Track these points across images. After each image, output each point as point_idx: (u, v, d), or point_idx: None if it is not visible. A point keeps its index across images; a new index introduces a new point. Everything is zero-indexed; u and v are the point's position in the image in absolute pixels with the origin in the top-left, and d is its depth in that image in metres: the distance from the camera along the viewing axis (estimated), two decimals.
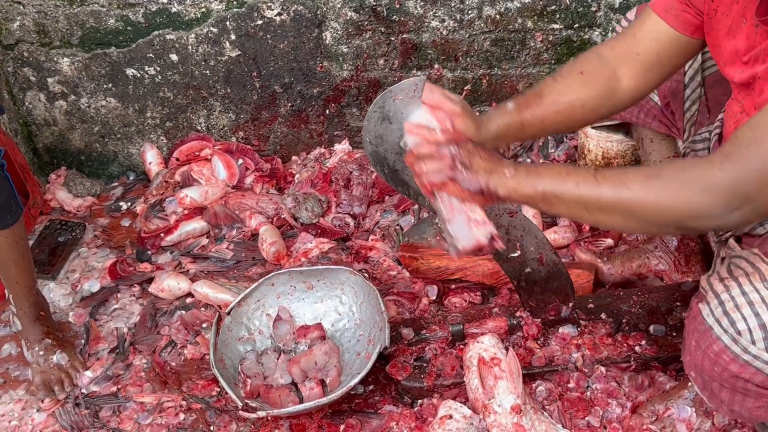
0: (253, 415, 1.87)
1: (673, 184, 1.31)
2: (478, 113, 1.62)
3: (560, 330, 2.03)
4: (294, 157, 2.97)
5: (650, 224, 1.37)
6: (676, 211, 1.31)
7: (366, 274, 2.33)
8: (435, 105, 1.55)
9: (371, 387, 2.04)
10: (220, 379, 1.93)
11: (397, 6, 2.60)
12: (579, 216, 1.44)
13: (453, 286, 2.29)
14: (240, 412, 1.89)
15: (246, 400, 1.93)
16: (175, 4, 2.60)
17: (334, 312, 2.19)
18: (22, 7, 2.61)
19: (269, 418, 1.95)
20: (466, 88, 2.79)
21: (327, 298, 2.20)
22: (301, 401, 1.96)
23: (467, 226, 1.49)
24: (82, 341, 2.28)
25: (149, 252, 2.60)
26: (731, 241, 1.59)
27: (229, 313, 2.10)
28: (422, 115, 1.56)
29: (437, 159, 1.48)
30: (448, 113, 1.55)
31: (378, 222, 2.62)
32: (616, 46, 1.64)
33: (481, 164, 1.45)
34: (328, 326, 2.16)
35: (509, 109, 1.63)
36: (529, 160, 2.73)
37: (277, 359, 2.06)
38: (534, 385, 1.94)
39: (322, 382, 1.99)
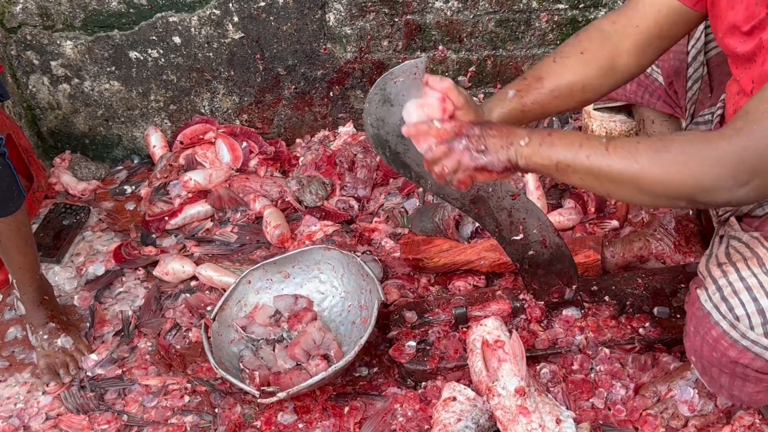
0: (274, 398, 1.86)
1: (681, 157, 1.28)
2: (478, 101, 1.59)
3: (564, 312, 2.02)
4: (298, 140, 2.96)
5: (660, 197, 1.35)
6: (684, 184, 1.29)
7: (371, 254, 2.34)
8: (443, 92, 1.51)
9: (375, 369, 2.04)
10: (229, 377, 1.91)
11: None
12: (591, 187, 1.41)
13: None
14: (259, 400, 1.89)
15: (262, 388, 1.92)
16: None
17: (317, 293, 2.20)
18: None
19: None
20: (470, 69, 2.77)
21: (306, 281, 2.21)
22: None
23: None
24: (87, 324, 2.29)
25: (154, 235, 2.60)
26: (732, 219, 1.58)
27: (214, 319, 2.09)
28: (414, 112, 1.53)
29: (453, 157, 1.44)
30: (453, 104, 1.52)
31: (382, 205, 2.61)
32: (617, 20, 1.61)
33: (497, 142, 1.41)
34: (314, 308, 2.16)
35: (509, 97, 1.61)
36: None
37: (274, 350, 2.06)
38: (538, 368, 1.94)
39: (326, 357, 1.99)
